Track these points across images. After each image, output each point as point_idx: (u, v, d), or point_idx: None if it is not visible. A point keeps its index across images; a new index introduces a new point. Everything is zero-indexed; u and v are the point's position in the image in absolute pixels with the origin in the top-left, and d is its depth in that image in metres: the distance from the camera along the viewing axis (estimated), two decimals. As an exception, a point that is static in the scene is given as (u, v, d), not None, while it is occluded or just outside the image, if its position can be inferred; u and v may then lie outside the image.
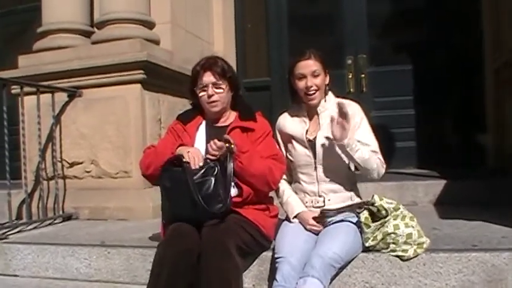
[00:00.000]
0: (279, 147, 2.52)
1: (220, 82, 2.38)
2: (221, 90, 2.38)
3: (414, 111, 4.85)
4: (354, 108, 2.41)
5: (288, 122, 2.52)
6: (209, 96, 2.37)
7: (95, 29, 4.34)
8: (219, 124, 2.48)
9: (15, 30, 6.15)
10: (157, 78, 4.01)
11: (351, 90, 4.86)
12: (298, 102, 2.50)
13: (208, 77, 2.37)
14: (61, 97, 3.95)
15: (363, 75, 4.90)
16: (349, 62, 4.94)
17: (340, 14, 5.13)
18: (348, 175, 2.43)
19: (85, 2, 4.46)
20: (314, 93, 2.38)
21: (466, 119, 4.75)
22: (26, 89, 3.63)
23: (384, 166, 2.38)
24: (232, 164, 2.21)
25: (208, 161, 2.22)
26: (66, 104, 4.00)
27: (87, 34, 4.37)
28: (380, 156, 2.37)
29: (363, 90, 4.87)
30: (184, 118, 2.51)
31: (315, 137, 2.40)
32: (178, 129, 2.47)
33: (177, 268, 1.99)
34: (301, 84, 2.38)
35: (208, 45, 5.13)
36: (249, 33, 5.52)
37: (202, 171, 2.18)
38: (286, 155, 2.52)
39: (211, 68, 2.37)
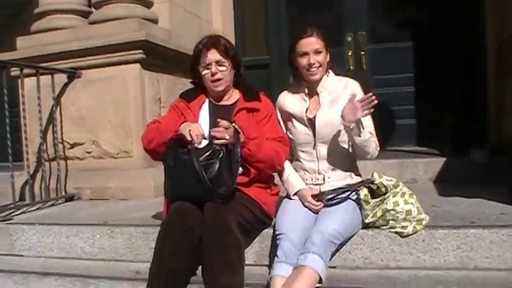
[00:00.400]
0: (280, 125, 2.54)
1: (224, 60, 2.38)
2: (224, 68, 2.39)
3: (414, 88, 4.84)
4: (354, 86, 2.43)
5: (288, 100, 2.52)
6: (213, 74, 2.38)
7: (93, 9, 4.31)
8: (222, 103, 2.49)
9: (10, 12, 6.10)
10: (156, 57, 3.99)
11: (351, 67, 4.83)
12: (299, 79, 2.50)
13: (211, 55, 2.37)
14: (60, 78, 3.95)
15: (362, 53, 4.87)
16: (349, 39, 4.89)
17: (339, -10, 5.08)
18: (348, 153, 2.45)
19: (82, -19, 4.42)
20: (316, 70, 2.38)
21: (467, 96, 4.74)
22: (26, 70, 3.62)
23: (378, 149, 2.40)
24: (239, 150, 2.21)
25: (214, 145, 2.22)
26: (66, 85, 4.00)
27: (84, 14, 4.35)
28: (375, 138, 2.39)
29: (363, 68, 4.85)
30: (188, 96, 2.51)
31: (315, 116, 2.40)
32: (182, 107, 2.47)
33: (180, 246, 2.03)
34: (303, 61, 2.38)
35: (207, 24, 5.10)
36: (247, 11, 5.47)
37: (208, 153, 2.19)
38: (286, 132, 2.53)
39: (215, 46, 2.37)
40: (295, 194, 2.40)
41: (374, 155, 2.38)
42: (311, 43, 2.36)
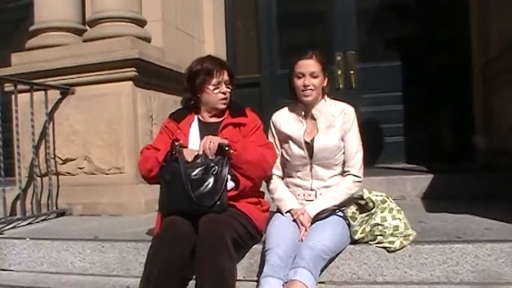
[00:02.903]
0: (273, 141, 2.58)
1: (230, 81, 2.49)
2: (230, 88, 2.50)
3: (403, 106, 4.91)
4: (349, 112, 2.49)
5: (285, 121, 2.55)
6: (223, 93, 2.46)
7: (87, 27, 4.36)
8: (212, 120, 2.54)
9: (6, 28, 6.15)
10: (148, 75, 4.04)
11: (340, 86, 4.92)
12: (296, 101, 2.54)
13: (224, 76, 2.46)
14: (54, 94, 3.98)
15: (352, 72, 4.95)
16: (339, 58, 4.98)
17: (329, 10, 5.17)
18: (341, 172, 2.50)
19: (77, 0, 4.48)
20: (310, 92, 2.43)
21: (454, 114, 4.82)
22: (20, 86, 3.65)
23: (358, 183, 2.46)
24: (228, 165, 2.27)
25: (209, 160, 2.28)
26: (59, 101, 4.03)
27: (79, 32, 4.39)
28: (356, 171, 2.45)
29: (352, 87, 4.92)
30: (177, 116, 2.56)
31: (312, 139, 2.45)
32: (172, 127, 2.52)
33: (170, 262, 2.05)
34: (299, 82, 2.44)
35: (199, 43, 5.17)
36: (239, 30, 5.55)
37: (202, 167, 2.25)
38: (281, 152, 2.57)
39: (225, 67, 2.48)
40: (287, 211, 2.42)
41: (352, 194, 2.43)
42: (308, 65, 2.42)
